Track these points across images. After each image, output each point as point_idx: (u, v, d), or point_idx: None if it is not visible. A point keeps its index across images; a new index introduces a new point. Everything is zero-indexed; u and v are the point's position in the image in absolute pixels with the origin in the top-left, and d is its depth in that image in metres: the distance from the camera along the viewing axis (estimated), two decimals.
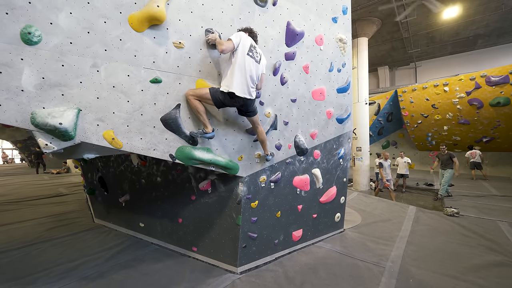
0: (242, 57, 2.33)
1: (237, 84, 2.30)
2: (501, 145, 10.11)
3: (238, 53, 2.33)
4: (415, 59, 13.07)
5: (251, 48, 2.40)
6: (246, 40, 2.39)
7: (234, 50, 2.34)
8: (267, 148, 2.94)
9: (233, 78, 2.30)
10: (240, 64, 2.32)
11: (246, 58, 2.34)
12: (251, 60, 2.38)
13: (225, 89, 2.31)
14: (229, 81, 2.32)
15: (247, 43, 2.38)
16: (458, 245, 3.80)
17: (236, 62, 2.32)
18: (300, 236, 3.71)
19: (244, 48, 2.35)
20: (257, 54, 2.46)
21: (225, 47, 2.26)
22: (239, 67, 2.32)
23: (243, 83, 2.33)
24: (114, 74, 2.03)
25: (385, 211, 5.67)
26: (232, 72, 2.32)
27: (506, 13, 8.82)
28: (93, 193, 4.87)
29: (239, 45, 2.33)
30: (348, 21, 3.91)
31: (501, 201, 6.45)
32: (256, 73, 2.45)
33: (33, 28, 1.69)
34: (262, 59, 2.54)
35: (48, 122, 1.73)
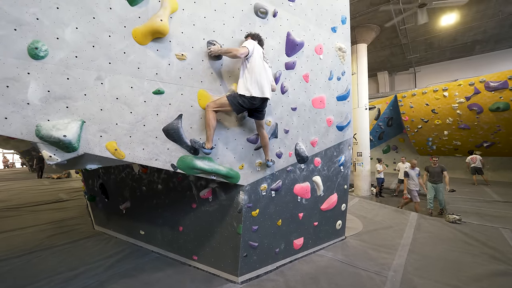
0: (260, 61, 2.49)
1: (261, 87, 2.47)
2: (502, 150, 10.10)
3: (256, 58, 2.47)
4: (414, 64, 13.18)
5: (263, 54, 2.60)
6: (259, 48, 2.55)
7: (249, 55, 2.44)
8: (269, 153, 2.98)
9: (257, 82, 2.45)
10: (259, 68, 2.47)
11: (264, 63, 2.53)
12: (267, 65, 2.58)
13: (246, 92, 2.42)
14: (251, 85, 2.44)
15: (260, 50, 2.56)
16: (461, 253, 3.78)
17: (256, 67, 2.46)
18: (301, 245, 3.70)
19: (259, 54, 2.51)
20: (267, 59, 2.66)
21: (242, 52, 2.37)
22: (259, 72, 2.46)
23: (266, 85, 2.53)
24: (118, 86, 2.06)
25: (387, 218, 5.65)
26: (253, 77, 2.45)
27: (503, 20, 8.93)
28: (94, 200, 4.88)
29: (254, 51, 2.46)
30: (347, 30, 3.97)
31: (503, 207, 6.41)
32: (271, 76, 2.69)
33: (40, 43, 1.73)
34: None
35: (52, 134, 1.75)
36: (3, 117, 1.67)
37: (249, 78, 2.45)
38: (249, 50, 2.42)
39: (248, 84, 2.44)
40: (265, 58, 2.61)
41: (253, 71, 2.45)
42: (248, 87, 2.43)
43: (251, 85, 2.43)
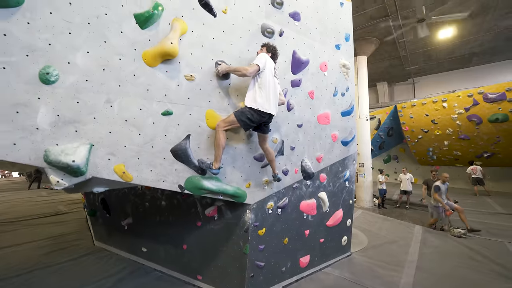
0: (271, 78, 2.51)
1: (270, 103, 2.48)
2: (503, 160, 10.12)
3: (267, 75, 2.47)
4: (412, 75, 13.37)
5: (274, 69, 2.61)
6: (271, 63, 2.55)
7: (261, 71, 2.45)
8: (276, 168, 2.92)
9: (267, 97, 2.47)
10: (269, 85, 2.48)
11: (274, 79, 2.54)
12: (276, 81, 2.60)
13: (256, 105, 2.41)
14: (261, 98, 2.45)
15: (272, 66, 2.55)
16: (469, 270, 3.71)
17: (266, 82, 2.47)
18: (307, 263, 3.62)
19: (270, 70, 2.51)
20: (277, 74, 2.67)
21: (251, 71, 2.37)
22: (269, 88, 2.48)
23: (275, 102, 2.56)
24: (127, 108, 2.05)
25: (391, 232, 5.58)
26: (263, 91, 2.46)
27: (498, 33, 9.13)
28: (94, 215, 4.80)
29: (266, 67, 2.46)
30: (350, 47, 4.03)
31: (507, 220, 6.37)
32: (278, 92, 2.69)
33: (51, 68, 1.73)
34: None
35: (61, 160, 1.73)
36: (12, 143, 1.65)
37: (259, 92, 2.45)
38: (259, 67, 2.41)
39: (258, 97, 2.43)
40: (276, 74, 2.62)
41: (264, 86, 2.46)
42: (258, 100, 2.42)
43: (261, 99, 2.44)
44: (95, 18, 1.88)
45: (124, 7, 2.00)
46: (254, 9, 2.78)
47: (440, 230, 5.72)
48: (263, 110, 2.44)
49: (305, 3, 3.27)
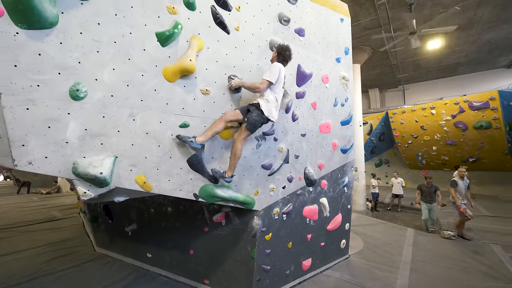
0: (280, 89, 2.66)
1: (277, 111, 2.69)
2: (487, 165, 10.67)
3: (279, 85, 2.63)
4: (403, 82, 13.91)
5: (284, 77, 2.70)
6: (283, 73, 2.65)
7: (275, 84, 2.58)
8: (233, 168, 2.60)
9: (276, 108, 2.66)
10: (279, 95, 2.66)
11: (282, 90, 2.70)
12: (283, 90, 2.77)
13: (267, 114, 2.56)
14: (276, 109, 2.64)
15: (283, 76, 2.65)
16: (459, 271, 3.97)
17: (279, 92, 2.65)
18: (309, 265, 3.78)
19: (281, 81, 2.64)
20: (285, 83, 2.79)
21: (263, 88, 2.52)
22: (278, 98, 2.66)
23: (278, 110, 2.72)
24: (148, 122, 2.17)
25: (385, 234, 5.82)
26: (277, 102, 2.67)
27: (482, 46, 9.72)
28: (96, 221, 4.80)
29: (278, 79, 2.58)
30: (349, 60, 4.26)
31: (492, 222, 6.76)
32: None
33: (81, 85, 1.83)
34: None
35: (89, 172, 1.82)
36: (43, 157, 1.73)
37: (274, 102, 2.61)
38: (273, 81, 2.53)
39: (272, 107, 2.59)
40: (284, 83, 2.72)
41: (278, 97, 2.65)
42: (271, 109, 2.58)
43: (275, 110, 2.64)
44: (121, 37, 1.99)
45: (147, 26, 2.12)
46: (264, 26, 2.95)
47: (429, 232, 5.99)
48: (272, 119, 2.62)
49: (309, 20, 3.47)
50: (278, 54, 2.68)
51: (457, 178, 5.62)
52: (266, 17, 2.98)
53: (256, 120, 2.51)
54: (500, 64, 12.02)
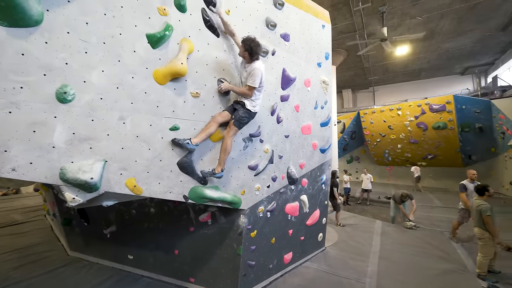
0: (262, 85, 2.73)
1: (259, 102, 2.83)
2: (442, 161, 11.97)
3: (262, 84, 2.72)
4: (373, 84, 14.91)
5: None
6: (264, 73, 2.69)
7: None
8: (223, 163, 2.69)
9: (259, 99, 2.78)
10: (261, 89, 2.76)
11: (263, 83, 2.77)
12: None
13: (253, 109, 2.70)
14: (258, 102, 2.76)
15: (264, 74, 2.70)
16: (420, 257, 4.50)
17: (260, 90, 2.73)
18: (290, 259, 4.01)
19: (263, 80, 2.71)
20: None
21: (251, 94, 2.63)
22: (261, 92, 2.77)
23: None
24: (138, 125, 2.14)
25: (357, 226, 6.32)
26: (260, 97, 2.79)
27: (441, 54, 10.80)
28: (70, 224, 4.53)
29: (261, 81, 2.65)
30: (329, 65, 4.50)
31: (444, 212, 7.66)
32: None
33: (68, 87, 1.76)
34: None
35: (79, 177, 1.77)
36: (28, 162, 1.65)
37: (258, 99, 2.74)
38: (257, 85, 2.60)
39: (256, 104, 2.73)
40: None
41: (261, 93, 2.77)
42: (255, 105, 2.72)
43: (259, 101, 2.77)
44: (110, 38, 1.94)
45: (137, 27, 2.07)
46: (252, 30, 3.01)
47: (391, 223, 6.59)
48: (256, 110, 2.76)
49: (293, 25, 3.60)
50: (249, 54, 2.58)
51: (467, 181, 5.17)
52: (254, 21, 3.05)
53: (243, 117, 2.65)
54: (455, 71, 13.44)
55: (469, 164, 11.50)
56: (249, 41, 2.56)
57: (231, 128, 2.64)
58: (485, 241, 3.68)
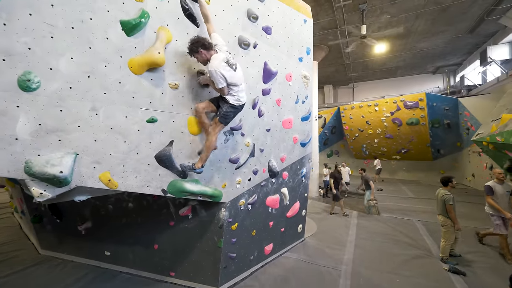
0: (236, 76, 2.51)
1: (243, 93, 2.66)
2: (415, 155, 12.72)
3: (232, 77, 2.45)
4: (353, 80, 15.35)
5: (227, 60, 2.41)
6: (222, 67, 2.34)
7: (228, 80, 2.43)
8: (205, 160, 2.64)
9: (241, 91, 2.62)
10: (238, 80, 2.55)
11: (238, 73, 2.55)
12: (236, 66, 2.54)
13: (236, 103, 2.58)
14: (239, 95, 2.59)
15: (224, 67, 2.36)
16: (391, 244, 4.81)
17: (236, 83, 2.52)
18: (271, 250, 4.11)
19: (230, 73, 2.41)
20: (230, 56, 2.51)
21: (225, 92, 2.47)
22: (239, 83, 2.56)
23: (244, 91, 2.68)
24: (113, 116, 2.05)
25: (335, 217, 6.59)
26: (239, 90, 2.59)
27: (416, 53, 11.34)
28: (40, 221, 4.28)
29: (226, 76, 2.36)
30: (310, 60, 4.56)
31: (415, 202, 8.20)
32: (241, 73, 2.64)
33: (32, 74, 1.63)
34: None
35: (47, 171, 1.67)
36: None
37: (240, 91, 2.54)
38: (224, 85, 2.39)
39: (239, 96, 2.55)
40: (230, 61, 2.42)
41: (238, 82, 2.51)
42: (238, 98, 2.54)
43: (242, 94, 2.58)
44: (80, 22, 1.82)
45: (110, 12, 1.96)
46: (233, 21, 2.97)
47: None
48: (242, 103, 2.58)
49: (275, 19, 3.59)
50: (197, 56, 2.37)
51: (494, 182, 4.29)
52: (235, 12, 3.00)
53: (228, 112, 2.54)
54: (428, 70, 14.19)
55: (438, 158, 12.35)
56: (188, 43, 2.31)
57: (217, 125, 2.57)
58: (447, 228, 4.00)
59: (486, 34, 9.75)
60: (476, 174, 10.20)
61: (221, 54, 2.40)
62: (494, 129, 6.16)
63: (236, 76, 2.47)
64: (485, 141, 6.40)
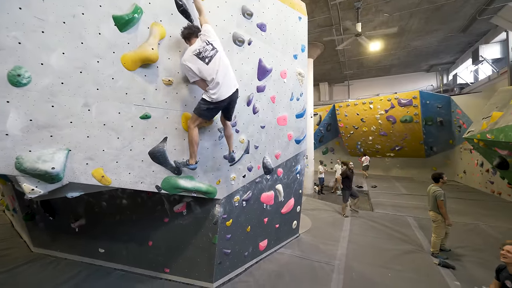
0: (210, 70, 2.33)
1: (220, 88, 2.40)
2: (408, 152, 12.91)
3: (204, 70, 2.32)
4: (348, 78, 15.44)
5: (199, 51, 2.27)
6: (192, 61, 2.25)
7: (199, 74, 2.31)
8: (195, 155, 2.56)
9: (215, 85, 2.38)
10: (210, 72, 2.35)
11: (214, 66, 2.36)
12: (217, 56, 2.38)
13: (206, 97, 2.41)
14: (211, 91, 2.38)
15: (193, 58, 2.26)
16: (383, 239, 4.90)
17: (206, 75, 2.34)
18: (265, 246, 4.15)
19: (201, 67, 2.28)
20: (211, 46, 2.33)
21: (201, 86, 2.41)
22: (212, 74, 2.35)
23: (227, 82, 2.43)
24: (105, 112, 2.04)
25: (329, 214, 6.68)
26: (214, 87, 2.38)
27: (411, 51, 11.44)
28: (32, 219, 4.23)
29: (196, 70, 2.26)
30: (305, 57, 4.58)
31: (408, 199, 8.34)
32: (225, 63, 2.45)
33: (22, 69, 1.62)
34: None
35: (38, 167, 1.66)
36: None
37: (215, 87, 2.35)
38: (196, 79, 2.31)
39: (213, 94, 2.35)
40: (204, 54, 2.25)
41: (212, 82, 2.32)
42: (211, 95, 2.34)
43: (211, 90, 2.34)
44: (71, 17, 1.79)
45: (102, 7, 1.94)
46: (227, 18, 2.96)
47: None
48: (214, 100, 2.34)
49: (270, 16, 3.59)
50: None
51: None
52: (230, 9, 2.98)
53: (201, 105, 2.39)
54: (422, 68, 14.35)
55: (430, 155, 12.56)
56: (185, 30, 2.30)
57: (193, 117, 2.46)
58: (438, 223, 4.10)
59: (478, 33, 9.89)
60: (468, 171, 10.42)
61: (195, 44, 2.28)
62: (484, 127, 6.29)
63: (206, 69, 2.26)
64: (476, 139, 6.53)
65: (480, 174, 9.36)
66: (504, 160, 6.14)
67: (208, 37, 2.33)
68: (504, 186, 7.83)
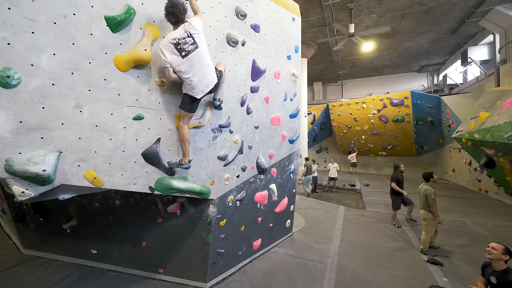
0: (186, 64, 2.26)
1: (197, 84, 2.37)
2: (399, 151, 13.16)
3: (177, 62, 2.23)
4: (341, 78, 15.61)
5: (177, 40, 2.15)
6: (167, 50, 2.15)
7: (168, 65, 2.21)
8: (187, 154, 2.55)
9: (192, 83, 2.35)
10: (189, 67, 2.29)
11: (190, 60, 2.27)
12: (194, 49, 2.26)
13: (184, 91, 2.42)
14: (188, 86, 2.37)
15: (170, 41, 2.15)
16: (374, 237, 5.00)
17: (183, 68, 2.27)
18: (259, 245, 4.19)
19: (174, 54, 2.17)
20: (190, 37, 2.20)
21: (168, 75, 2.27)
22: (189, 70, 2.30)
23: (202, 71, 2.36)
24: (97, 114, 2.03)
25: (322, 212, 6.76)
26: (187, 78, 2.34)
27: (402, 52, 11.66)
28: (22, 220, 4.15)
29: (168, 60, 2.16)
30: (299, 58, 4.62)
31: None
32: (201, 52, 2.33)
33: (12, 70, 1.59)
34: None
35: (28, 169, 1.65)
36: None
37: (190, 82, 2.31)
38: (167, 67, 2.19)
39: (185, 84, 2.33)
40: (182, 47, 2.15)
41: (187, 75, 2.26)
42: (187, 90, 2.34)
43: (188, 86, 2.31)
44: (62, 17, 1.77)
45: (94, 8, 1.92)
46: (221, 18, 2.96)
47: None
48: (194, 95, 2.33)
49: (264, 17, 3.61)
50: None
51: None
52: (223, 9, 2.99)
53: (184, 98, 2.39)
54: (413, 68, 14.63)
55: (421, 154, 12.83)
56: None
57: (181, 115, 2.44)
58: (428, 221, 4.21)
59: (467, 35, 10.15)
60: (457, 170, 10.70)
61: (177, 31, 2.17)
62: (472, 127, 6.48)
63: (179, 63, 2.18)
64: (464, 138, 6.72)
65: (468, 173, 9.62)
66: (490, 159, 6.35)
67: (192, 28, 2.20)
68: (491, 184, 8.08)
